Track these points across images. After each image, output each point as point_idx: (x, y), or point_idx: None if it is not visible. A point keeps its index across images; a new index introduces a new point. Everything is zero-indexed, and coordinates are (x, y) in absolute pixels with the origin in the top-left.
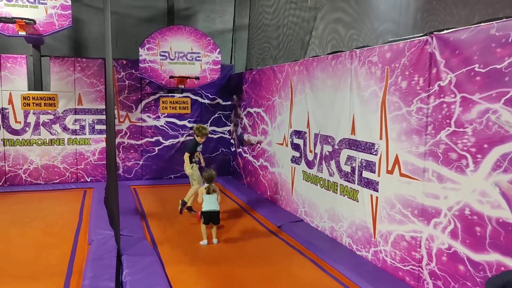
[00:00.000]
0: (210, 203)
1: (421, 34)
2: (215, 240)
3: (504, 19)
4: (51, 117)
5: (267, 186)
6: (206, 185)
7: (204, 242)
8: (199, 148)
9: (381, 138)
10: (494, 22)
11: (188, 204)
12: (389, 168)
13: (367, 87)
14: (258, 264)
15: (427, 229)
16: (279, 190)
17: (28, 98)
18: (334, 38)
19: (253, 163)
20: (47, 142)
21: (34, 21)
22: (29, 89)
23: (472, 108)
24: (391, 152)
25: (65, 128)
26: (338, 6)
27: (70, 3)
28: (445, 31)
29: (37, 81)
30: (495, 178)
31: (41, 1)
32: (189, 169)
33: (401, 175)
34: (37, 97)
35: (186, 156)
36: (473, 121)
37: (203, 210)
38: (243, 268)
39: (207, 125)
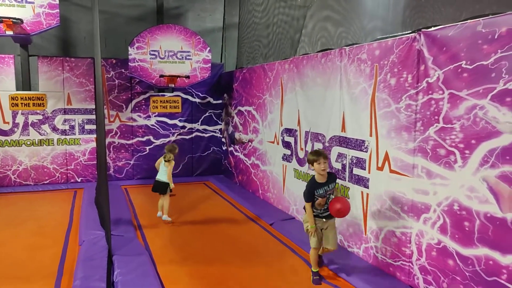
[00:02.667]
0: (160, 173)
1: (409, 31)
2: (164, 217)
3: (490, 16)
4: (40, 117)
5: (258, 184)
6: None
7: (159, 213)
8: (321, 192)
9: (371, 135)
10: (481, 19)
11: (313, 269)
12: (379, 165)
13: (357, 85)
14: (250, 262)
15: (417, 225)
16: (271, 188)
17: (16, 99)
18: (324, 36)
19: (245, 162)
20: (36, 143)
21: (22, 21)
22: (17, 89)
23: (460, 104)
24: (381, 149)
25: (54, 128)
26: (327, 4)
27: (57, 2)
28: (433, 28)
29: (25, 81)
30: (482, 174)
31: (28, 0)
32: (311, 227)
33: (391, 171)
34: (25, 97)
35: (307, 206)
36: (461, 117)
37: (156, 178)
38: (236, 267)
39: (198, 124)
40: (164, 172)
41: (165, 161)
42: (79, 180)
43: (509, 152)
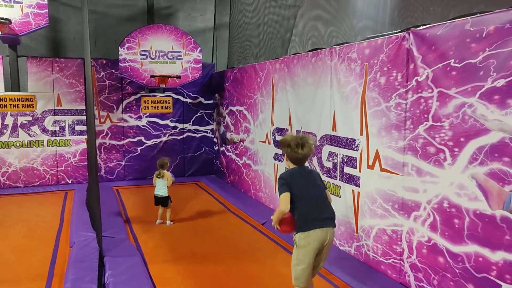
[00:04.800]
0: (159, 188)
1: (398, 30)
2: (168, 222)
3: (478, 14)
4: (30, 118)
5: (250, 184)
6: (158, 171)
7: (158, 221)
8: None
9: (361, 134)
10: (469, 17)
11: None
12: (370, 163)
13: (347, 84)
14: (243, 262)
15: (408, 223)
16: (263, 188)
17: (5, 100)
18: (314, 36)
19: (236, 162)
20: (26, 144)
21: (10, 21)
22: (6, 90)
23: (449, 103)
24: (372, 148)
25: (44, 130)
26: (318, 4)
27: (46, 1)
28: (422, 27)
29: (14, 82)
30: (471, 171)
31: (16, 0)
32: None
33: (382, 170)
34: (14, 98)
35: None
36: (450, 115)
37: (154, 193)
38: (228, 266)
39: (190, 124)
40: (162, 186)
41: (158, 177)
42: (69, 182)
43: (498, 150)
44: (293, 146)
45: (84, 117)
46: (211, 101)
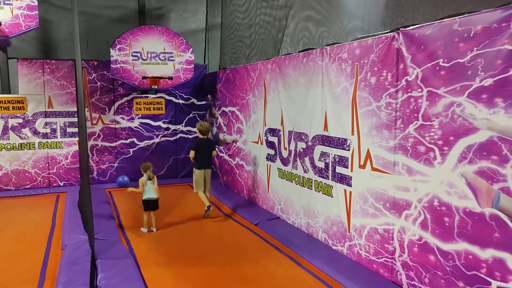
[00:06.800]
0: (150, 191)
1: (388, 31)
2: (154, 229)
3: (466, 14)
4: (20, 121)
5: (243, 184)
6: (146, 175)
7: (144, 229)
8: None
9: (352, 134)
10: (457, 17)
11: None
12: (361, 163)
13: (338, 84)
14: (236, 263)
15: (399, 221)
16: (255, 188)
17: None
18: (305, 36)
19: (229, 162)
20: (17, 147)
21: (0, 23)
22: None
23: (438, 102)
24: (363, 147)
25: (35, 132)
26: (309, 4)
27: (36, 3)
28: (411, 27)
29: (4, 84)
30: (461, 169)
31: (6, 2)
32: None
33: (373, 169)
34: (4, 100)
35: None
36: (439, 115)
37: (143, 198)
38: (221, 267)
39: (182, 126)
40: (152, 189)
41: (148, 180)
42: (61, 184)
43: (486, 148)
44: (201, 125)
45: (75, 119)
46: (204, 102)
